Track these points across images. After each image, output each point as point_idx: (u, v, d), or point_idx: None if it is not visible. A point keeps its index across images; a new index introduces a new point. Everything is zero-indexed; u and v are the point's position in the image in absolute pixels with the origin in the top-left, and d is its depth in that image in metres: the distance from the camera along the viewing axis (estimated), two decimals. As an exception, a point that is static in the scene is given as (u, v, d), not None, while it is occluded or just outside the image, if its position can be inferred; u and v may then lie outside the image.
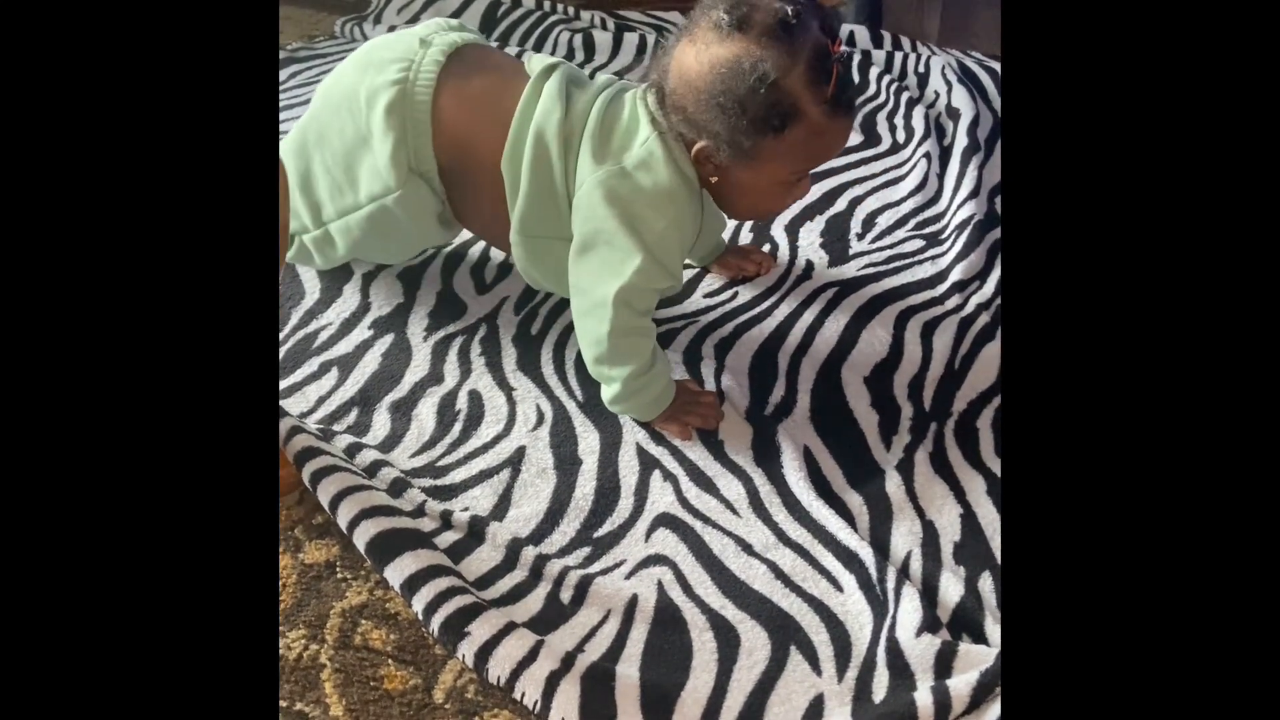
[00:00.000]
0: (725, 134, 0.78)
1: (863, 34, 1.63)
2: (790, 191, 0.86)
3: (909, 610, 0.71)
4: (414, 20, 1.66)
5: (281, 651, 0.70)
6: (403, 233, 0.94)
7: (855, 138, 1.37)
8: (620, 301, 0.82)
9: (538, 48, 1.59)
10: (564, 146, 0.84)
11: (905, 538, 0.79)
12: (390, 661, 0.70)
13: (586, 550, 0.79)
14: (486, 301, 1.03)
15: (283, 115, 1.38)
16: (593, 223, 0.83)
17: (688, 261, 1.09)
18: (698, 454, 0.86)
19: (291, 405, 0.90)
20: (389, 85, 0.86)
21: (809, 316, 1.02)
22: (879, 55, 1.56)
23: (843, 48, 0.78)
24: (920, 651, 0.69)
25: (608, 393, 0.88)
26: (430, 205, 0.91)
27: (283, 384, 0.93)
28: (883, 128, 1.40)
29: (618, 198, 0.82)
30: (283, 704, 0.67)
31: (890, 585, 0.73)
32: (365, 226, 0.91)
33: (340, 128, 0.89)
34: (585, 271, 0.85)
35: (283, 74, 1.53)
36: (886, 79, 1.49)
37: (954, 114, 1.33)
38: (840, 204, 1.21)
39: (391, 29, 1.62)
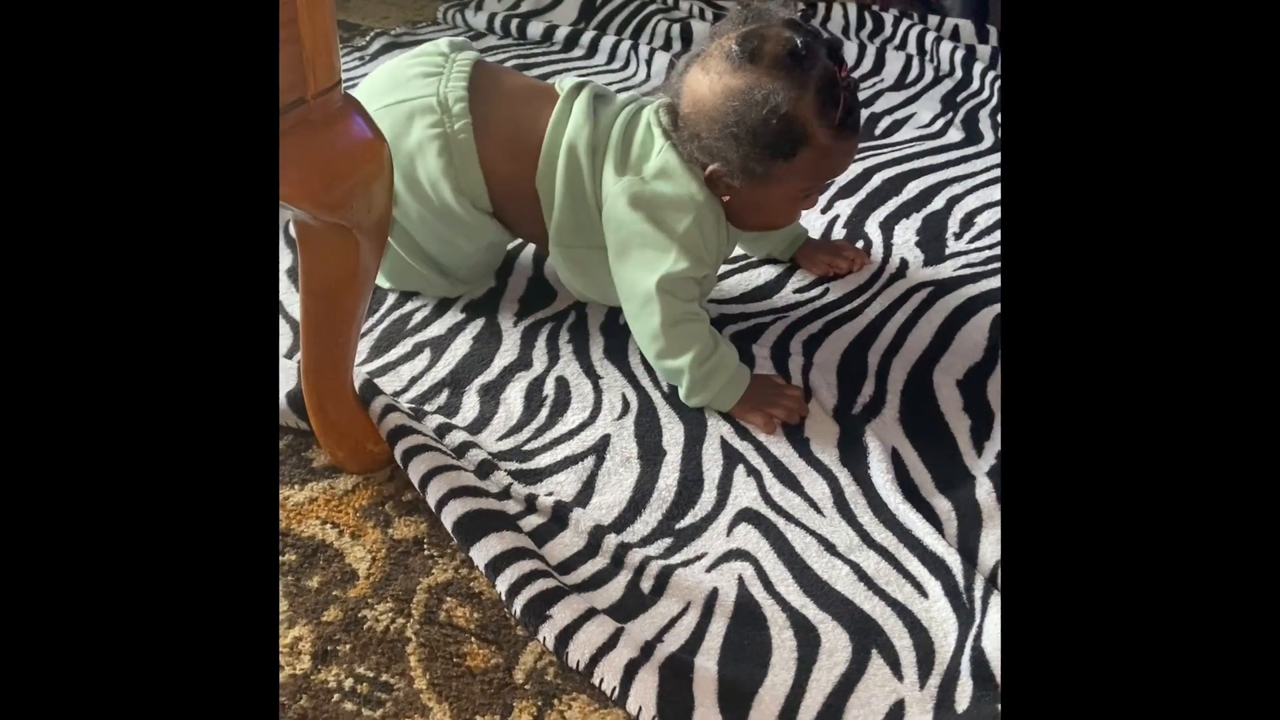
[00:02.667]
0: (737, 160, 0.83)
1: (967, 28, 1.59)
2: (798, 206, 0.90)
3: (996, 621, 0.69)
4: (515, 8, 1.68)
5: (369, 623, 0.72)
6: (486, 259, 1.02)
7: (956, 135, 1.34)
8: (663, 290, 0.85)
9: (635, 36, 1.59)
10: (592, 158, 0.89)
11: (995, 546, 0.77)
12: (473, 639, 0.71)
13: (668, 541, 0.79)
14: (577, 289, 1.04)
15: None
16: (623, 229, 0.87)
17: (776, 257, 1.08)
18: (782, 450, 0.86)
19: (385, 384, 0.92)
20: (431, 140, 0.89)
21: (901, 316, 1.00)
22: (984, 51, 1.52)
23: (847, 74, 0.83)
24: (1006, 664, 0.67)
25: (682, 388, 0.89)
26: (499, 234, 0.96)
27: (377, 363, 0.95)
28: (985, 125, 1.37)
29: (641, 202, 0.86)
30: (369, 674, 0.69)
31: (978, 594, 0.72)
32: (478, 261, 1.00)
33: (405, 198, 0.92)
34: (626, 273, 0.88)
35: (385, 59, 1.56)
36: (991, 75, 1.45)
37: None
38: (938, 202, 1.19)
39: (491, 17, 1.64)
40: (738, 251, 1.09)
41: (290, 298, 1.02)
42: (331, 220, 0.68)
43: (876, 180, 1.23)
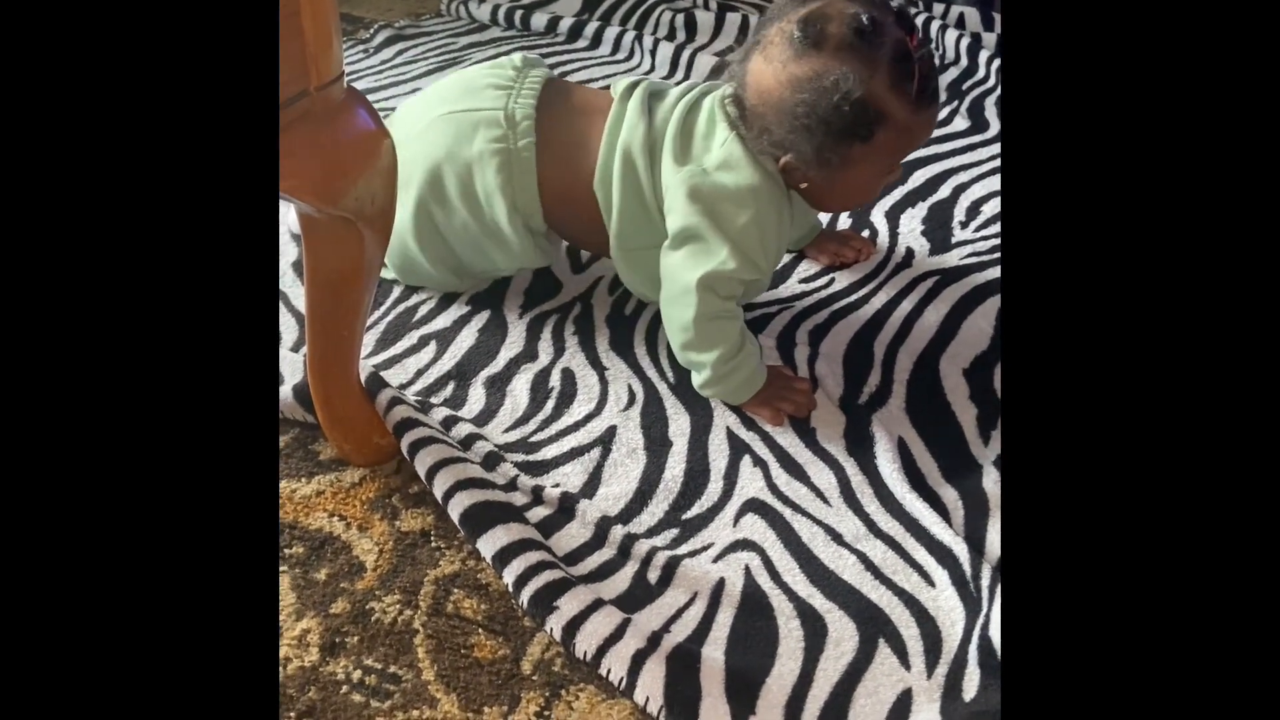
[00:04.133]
0: (811, 150, 0.79)
1: (973, 16, 1.58)
2: (881, 182, 0.86)
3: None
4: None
5: (377, 615, 0.72)
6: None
7: (962, 123, 1.33)
8: (704, 286, 0.84)
9: (639, 27, 1.59)
10: (649, 158, 0.87)
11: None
12: (480, 631, 0.71)
13: (674, 532, 0.79)
14: (581, 281, 1.04)
15: (388, 93, 1.41)
16: (681, 220, 0.85)
17: (788, 248, 1.08)
18: (788, 440, 0.86)
19: (392, 376, 0.92)
20: (493, 155, 0.88)
21: (907, 305, 0.99)
22: (989, 39, 1.51)
23: (919, 42, 0.78)
24: (1014, 652, 0.67)
25: (698, 378, 0.88)
26: (543, 253, 0.95)
27: (383, 356, 0.96)
28: (991, 113, 1.36)
29: (700, 195, 0.84)
30: (378, 666, 0.69)
31: (985, 583, 0.72)
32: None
33: (455, 205, 0.91)
34: (674, 262, 0.86)
35: (389, 51, 1.56)
36: (996, 63, 1.44)
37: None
38: (944, 191, 1.18)
39: (495, 9, 1.64)
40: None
41: (296, 291, 1.02)
42: (335, 213, 0.68)
43: (882, 169, 1.22)
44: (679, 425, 0.88)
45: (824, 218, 1.12)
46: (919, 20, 1.58)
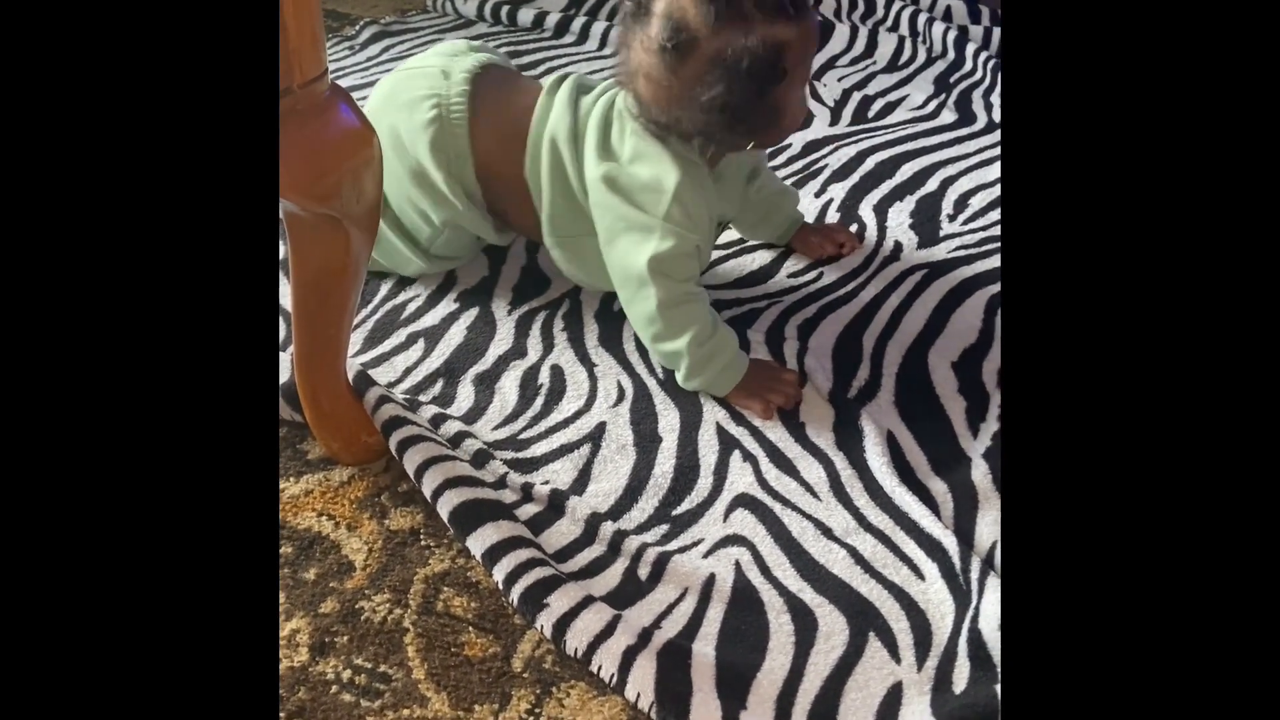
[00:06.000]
0: (720, 127, 0.81)
1: (959, 9, 1.58)
2: (801, 100, 0.85)
3: (993, 602, 0.69)
4: (504, -5, 1.67)
5: (367, 614, 0.72)
6: (472, 241, 1.01)
7: (949, 116, 1.34)
8: (656, 271, 0.84)
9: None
10: (574, 149, 0.88)
11: (991, 528, 0.77)
12: (471, 629, 0.71)
13: (665, 528, 0.79)
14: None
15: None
16: (608, 214, 0.86)
17: (772, 242, 1.08)
18: (778, 435, 0.86)
19: (380, 374, 0.92)
20: (427, 124, 0.90)
21: (896, 299, 1.00)
22: (976, 31, 1.52)
23: None
24: (1003, 644, 0.67)
25: (680, 370, 0.88)
26: (484, 222, 0.96)
27: (371, 354, 0.95)
28: (978, 106, 1.36)
29: (618, 187, 0.86)
30: (368, 665, 0.69)
31: (974, 575, 0.72)
32: (448, 243, 0.99)
33: (393, 170, 0.92)
34: (616, 257, 0.87)
35: (375, 48, 1.55)
36: (983, 55, 1.44)
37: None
38: (931, 184, 1.18)
39: (481, 4, 1.63)
40: (733, 235, 1.08)
41: (282, 289, 1.02)
42: (321, 211, 0.68)
43: (870, 163, 1.22)
44: (668, 421, 0.87)
45: (812, 216, 1.12)
46: (905, 14, 1.58)
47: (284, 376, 0.87)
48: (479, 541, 0.74)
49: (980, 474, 0.81)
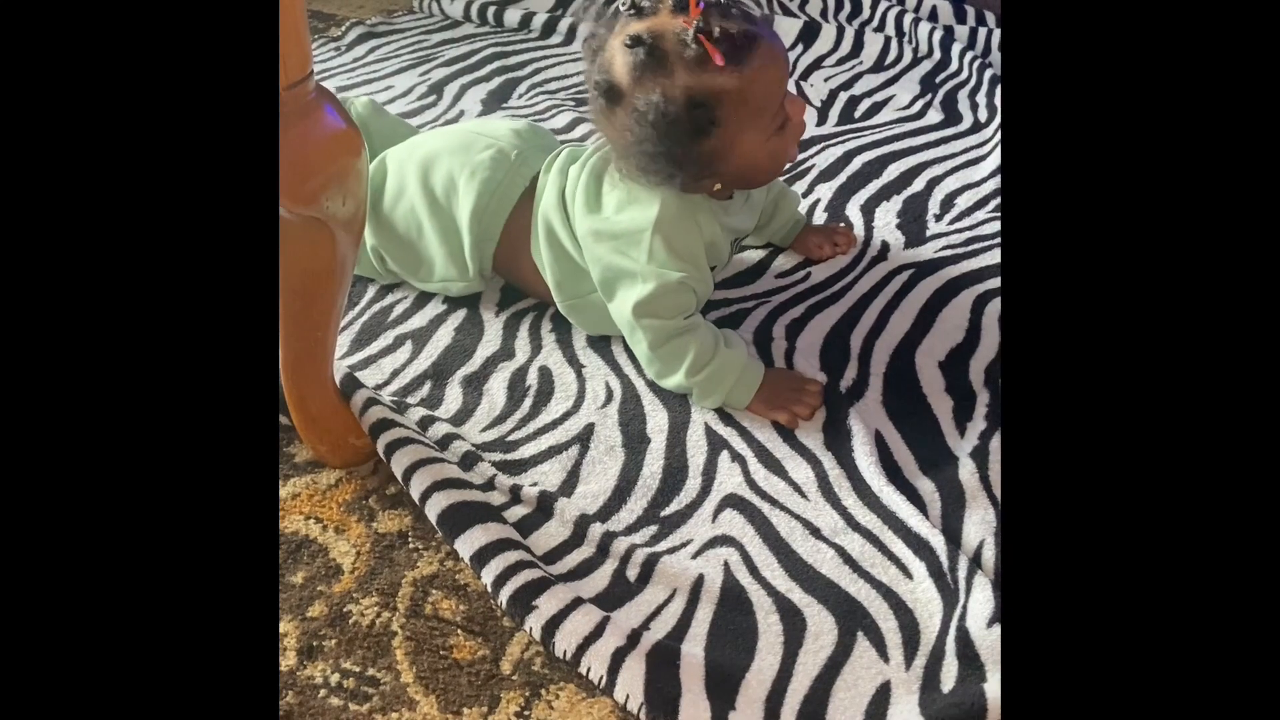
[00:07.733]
0: (688, 170, 0.81)
1: (945, 9, 1.59)
2: (779, 140, 0.84)
3: (980, 600, 0.70)
4: (490, -5, 1.67)
5: (355, 618, 0.72)
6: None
7: (935, 116, 1.34)
8: (641, 314, 0.85)
9: (612, 23, 1.58)
10: (562, 214, 0.90)
11: (978, 526, 0.77)
12: (459, 631, 0.71)
13: (653, 529, 0.79)
14: (558, 278, 1.03)
15: (360, 91, 1.40)
16: (598, 265, 0.87)
17: (772, 242, 1.08)
18: (766, 436, 0.86)
19: (367, 377, 0.91)
20: (474, 192, 0.93)
21: (883, 299, 1.00)
22: (962, 31, 1.52)
23: (702, 9, 0.77)
24: (991, 642, 0.67)
25: (693, 396, 0.88)
26: (478, 288, 1.00)
27: (359, 356, 0.95)
28: (964, 106, 1.37)
29: (603, 238, 0.86)
30: (356, 669, 0.69)
31: (962, 574, 0.72)
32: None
33: (422, 204, 0.95)
34: (614, 307, 0.89)
35: (361, 49, 1.55)
36: (969, 55, 1.45)
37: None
38: (918, 184, 1.19)
39: (468, 5, 1.63)
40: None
41: (269, 292, 1.01)
42: (306, 213, 0.68)
43: (857, 163, 1.23)
44: (657, 422, 0.88)
45: (802, 209, 1.13)
46: (891, 14, 1.58)
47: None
48: (467, 544, 0.74)
49: (967, 473, 0.82)
